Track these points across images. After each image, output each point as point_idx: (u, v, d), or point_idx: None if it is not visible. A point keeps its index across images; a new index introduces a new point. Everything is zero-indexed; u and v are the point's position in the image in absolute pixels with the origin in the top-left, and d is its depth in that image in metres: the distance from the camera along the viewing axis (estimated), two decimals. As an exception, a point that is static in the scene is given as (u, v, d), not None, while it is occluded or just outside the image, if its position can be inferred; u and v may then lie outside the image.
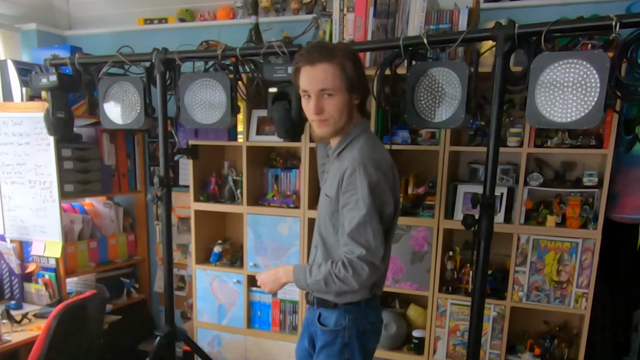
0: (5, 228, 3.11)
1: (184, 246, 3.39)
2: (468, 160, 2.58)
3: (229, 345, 2.93)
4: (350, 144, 1.65)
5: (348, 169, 1.56)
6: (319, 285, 1.59)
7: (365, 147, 1.61)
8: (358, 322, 1.68)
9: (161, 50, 2.32)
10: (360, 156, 1.56)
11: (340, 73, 1.55)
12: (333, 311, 1.68)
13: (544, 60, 1.61)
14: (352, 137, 1.65)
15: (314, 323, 1.74)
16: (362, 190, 1.53)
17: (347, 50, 1.60)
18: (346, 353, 1.68)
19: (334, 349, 1.68)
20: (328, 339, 1.69)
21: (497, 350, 2.39)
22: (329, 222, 1.67)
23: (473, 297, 1.85)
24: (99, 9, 3.42)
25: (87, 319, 2.51)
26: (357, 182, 1.53)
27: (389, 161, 1.64)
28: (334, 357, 1.69)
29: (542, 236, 2.26)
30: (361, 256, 1.52)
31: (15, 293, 3.09)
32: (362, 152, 1.58)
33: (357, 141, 1.64)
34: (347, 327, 1.67)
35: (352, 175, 1.54)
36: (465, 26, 2.21)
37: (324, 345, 1.71)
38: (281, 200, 2.72)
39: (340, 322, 1.68)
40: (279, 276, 1.72)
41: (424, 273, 2.45)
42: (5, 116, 2.96)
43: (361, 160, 1.55)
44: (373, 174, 1.54)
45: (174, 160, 3.25)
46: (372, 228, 1.53)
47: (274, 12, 2.91)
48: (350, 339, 1.68)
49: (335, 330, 1.68)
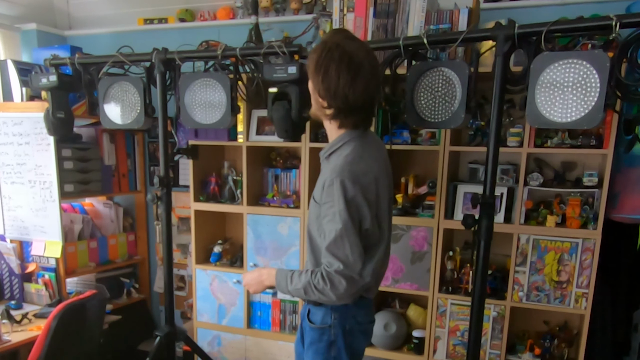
0: (5, 228, 3.11)
1: (184, 246, 3.39)
2: (468, 160, 2.58)
3: (229, 345, 2.93)
4: (339, 150, 1.62)
5: (327, 179, 1.55)
6: (298, 293, 1.62)
7: (350, 156, 1.57)
8: (344, 321, 1.68)
9: (161, 50, 2.32)
10: (340, 168, 1.54)
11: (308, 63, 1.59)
12: (320, 308, 1.69)
13: (544, 60, 1.61)
14: (341, 142, 1.63)
15: (304, 319, 1.75)
16: (339, 204, 1.51)
17: (311, 55, 1.58)
18: (332, 351, 1.69)
19: (321, 346, 1.69)
20: (315, 336, 1.70)
21: (497, 350, 2.39)
22: (315, 223, 1.67)
23: (473, 297, 1.85)
24: (99, 9, 3.42)
25: (87, 319, 2.51)
26: (334, 194, 1.52)
27: (372, 174, 1.58)
28: (321, 354, 1.70)
29: (542, 236, 2.26)
30: (339, 270, 1.52)
31: (15, 293, 3.09)
32: (343, 163, 1.55)
33: (345, 148, 1.61)
34: (332, 325, 1.67)
35: (330, 187, 1.53)
36: (465, 26, 2.21)
37: (311, 342, 1.72)
38: (281, 200, 2.72)
39: (326, 319, 1.68)
40: (263, 279, 1.75)
41: (424, 273, 2.45)
42: (5, 116, 2.96)
43: (340, 172, 1.53)
44: (350, 188, 1.51)
45: (174, 160, 3.25)
46: (350, 242, 1.52)
47: (274, 12, 2.91)
48: (336, 336, 1.68)
49: (321, 327, 1.69)
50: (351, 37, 1.58)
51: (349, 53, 1.50)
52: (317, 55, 1.54)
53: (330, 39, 1.56)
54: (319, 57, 1.53)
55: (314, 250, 1.70)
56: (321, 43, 1.57)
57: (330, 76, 1.52)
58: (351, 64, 1.50)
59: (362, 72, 1.51)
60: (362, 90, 1.53)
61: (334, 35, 1.58)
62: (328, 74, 1.52)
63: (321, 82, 1.54)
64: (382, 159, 1.68)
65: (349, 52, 1.50)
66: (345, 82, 1.51)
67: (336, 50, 1.51)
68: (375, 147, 1.68)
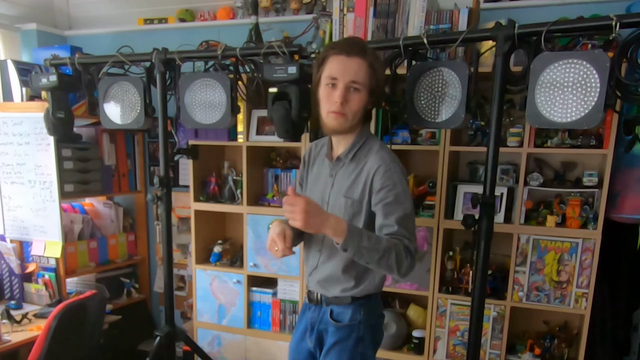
0: (5, 228, 3.11)
1: (184, 246, 3.39)
2: (468, 160, 2.58)
3: (229, 345, 2.93)
4: (364, 146, 1.68)
5: (381, 167, 1.59)
6: (371, 253, 1.47)
7: (383, 149, 1.66)
8: (370, 316, 1.72)
9: (161, 50, 2.32)
10: (389, 157, 1.62)
11: (370, 72, 1.59)
12: (348, 307, 1.70)
13: (544, 60, 1.61)
14: (363, 139, 1.69)
15: (323, 321, 1.74)
16: (402, 185, 1.59)
17: (376, 54, 1.66)
18: (360, 347, 1.70)
19: (348, 344, 1.69)
20: (342, 335, 1.70)
21: (497, 350, 2.39)
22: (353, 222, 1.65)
23: (473, 297, 1.84)
24: (99, 9, 3.42)
25: (87, 319, 2.51)
26: (395, 177, 1.58)
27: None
28: (347, 352, 1.69)
29: (542, 236, 2.26)
30: (415, 248, 1.57)
31: (15, 293, 3.09)
32: (389, 152, 1.64)
33: (372, 143, 1.68)
34: (361, 321, 1.70)
35: (387, 172, 1.58)
36: (465, 26, 2.22)
37: (336, 342, 1.71)
38: (281, 200, 2.72)
39: (355, 316, 1.70)
40: (327, 221, 1.46)
41: (424, 273, 2.45)
42: (5, 116, 2.96)
43: (393, 159, 1.62)
44: (404, 174, 1.63)
45: (174, 160, 3.25)
46: (413, 222, 1.61)
47: (274, 12, 2.91)
48: (364, 332, 1.70)
49: (350, 325, 1.70)
50: None
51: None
52: (377, 57, 1.65)
53: (367, 44, 1.67)
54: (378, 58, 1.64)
55: (341, 253, 1.60)
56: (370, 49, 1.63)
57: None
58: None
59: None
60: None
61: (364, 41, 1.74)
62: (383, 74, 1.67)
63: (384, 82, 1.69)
64: None
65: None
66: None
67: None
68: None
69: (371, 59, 1.58)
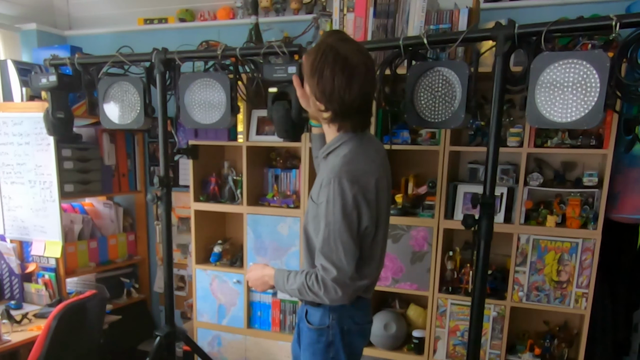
0: (5, 228, 3.11)
1: (184, 246, 3.39)
2: (468, 160, 2.58)
3: (229, 345, 2.93)
4: (337, 150, 1.61)
5: (325, 179, 1.54)
6: (294, 293, 1.65)
7: (348, 156, 1.56)
8: (342, 322, 1.67)
9: (161, 50, 2.32)
10: (338, 167, 1.53)
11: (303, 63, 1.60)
12: (318, 309, 1.68)
13: (544, 60, 1.61)
14: (339, 142, 1.62)
15: (302, 320, 1.75)
16: (335, 204, 1.50)
17: (317, 45, 1.56)
18: (331, 352, 1.68)
19: (319, 347, 1.69)
20: (313, 337, 1.70)
21: (497, 350, 2.39)
22: (312, 223, 1.65)
23: (473, 297, 1.84)
24: (99, 9, 3.42)
25: (87, 319, 2.51)
26: (331, 194, 1.51)
27: (370, 173, 1.57)
28: (319, 355, 1.69)
29: (542, 236, 2.26)
30: (333, 277, 1.52)
31: (15, 293, 3.09)
32: (342, 162, 1.54)
33: (343, 148, 1.59)
34: (330, 326, 1.67)
35: (327, 186, 1.52)
36: (465, 26, 2.21)
37: (309, 343, 1.71)
38: (281, 200, 2.72)
39: (324, 320, 1.67)
40: (265, 280, 1.77)
41: (424, 273, 2.45)
42: (5, 116, 2.96)
43: (338, 172, 1.52)
44: (347, 188, 1.50)
45: (174, 160, 3.25)
46: (342, 243, 1.52)
47: (274, 12, 2.91)
48: (334, 337, 1.67)
49: (319, 328, 1.68)
50: (345, 38, 1.57)
51: (343, 55, 1.49)
52: (311, 58, 1.53)
53: (324, 41, 1.55)
54: (314, 60, 1.52)
55: (310, 249, 1.69)
56: (315, 46, 1.56)
57: (325, 79, 1.50)
58: (346, 66, 1.49)
59: (357, 74, 1.50)
60: (358, 91, 1.51)
61: (328, 37, 1.57)
62: (323, 77, 1.51)
63: (317, 85, 1.53)
64: (380, 159, 1.67)
65: (342, 54, 1.49)
66: (340, 84, 1.49)
67: (330, 53, 1.49)
68: (373, 148, 1.66)
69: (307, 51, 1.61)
